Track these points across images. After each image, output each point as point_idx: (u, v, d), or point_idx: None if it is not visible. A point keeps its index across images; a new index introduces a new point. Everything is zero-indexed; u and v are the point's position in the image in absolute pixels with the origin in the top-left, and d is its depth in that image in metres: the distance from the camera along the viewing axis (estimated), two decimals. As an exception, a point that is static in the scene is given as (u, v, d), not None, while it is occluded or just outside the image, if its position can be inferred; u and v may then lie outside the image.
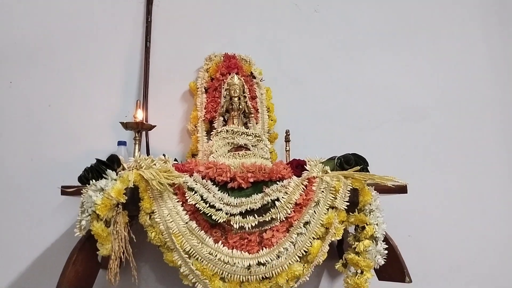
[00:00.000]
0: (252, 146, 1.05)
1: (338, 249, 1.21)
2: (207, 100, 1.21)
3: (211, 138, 1.10)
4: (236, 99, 1.16)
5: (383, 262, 0.88)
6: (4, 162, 1.20)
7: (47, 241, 1.16)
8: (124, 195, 0.81)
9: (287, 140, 1.18)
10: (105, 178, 0.84)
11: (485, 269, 1.30)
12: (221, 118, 1.18)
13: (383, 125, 1.35)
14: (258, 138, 1.07)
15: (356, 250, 0.89)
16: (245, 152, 1.02)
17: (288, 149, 1.18)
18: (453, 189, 1.33)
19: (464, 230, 1.31)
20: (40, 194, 1.18)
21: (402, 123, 1.36)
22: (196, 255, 0.83)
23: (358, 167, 0.88)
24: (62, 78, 1.26)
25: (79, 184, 0.87)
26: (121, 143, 1.13)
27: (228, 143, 1.05)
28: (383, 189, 0.93)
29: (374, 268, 0.90)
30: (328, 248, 0.87)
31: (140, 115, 1.06)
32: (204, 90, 1.23)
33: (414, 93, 1.38)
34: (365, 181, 0.89)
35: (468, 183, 1.34)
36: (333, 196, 0.87)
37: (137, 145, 1.07)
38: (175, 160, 0.99)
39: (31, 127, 1.23)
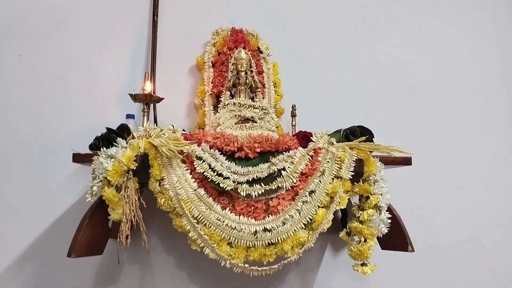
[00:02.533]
0: (258, 119, 1.06)
1: (342, 222, 1.23)
2: (214, 75, 1.22)
3: (218, 111, 1.12)
4: (243, 73, 1.16)
5: (386, 231, 0.90)
6: (16, 135, 1.22)
7: (59, 210, 1.19)
8: (134, 162, 0.83)
9: (293, 115, 1.19)
10: (115, 146, 0.86)
11: (489, 244, 1.31)
12: (228, 93, 1.19)
13: (389, 100, 1.35)
14: (264, 111, 1.08)
15: (360, 219, 0.91)
16: (252, 125, 1.03)
17: (294, 124, 1.19)
18: (457, 164, 1.33)
19: (467, 205, 1.32)
20: (51, 165, 1.21)
21: (408, 98, 1.36)
22: (204, 221, 0.85)
23: (364, 138, 0.89)
24: (71, 52, 1.27)
25: (90, 152, 0.88)
26: (129, 116, 1.15)
27: (235, 115, 1.06)
28: (387, 161, 0.94)
29: (377, 237, 0.93)
30: (333, 216, 0.89)
31: (148, 87, 1.07)
32: (211, 65, 1.24)
33: (420, 68, 1.38)
34: (371, 151, 0.90)
35: (472, 159, 1.34)
36: (339, 166, 0.89)
37: (145, 117, 1.09)
38: (183, 130, 1.00)
39: (41, 100, 1.24)
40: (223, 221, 0.85)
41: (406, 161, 0.96)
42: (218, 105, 1.16)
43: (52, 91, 1.25)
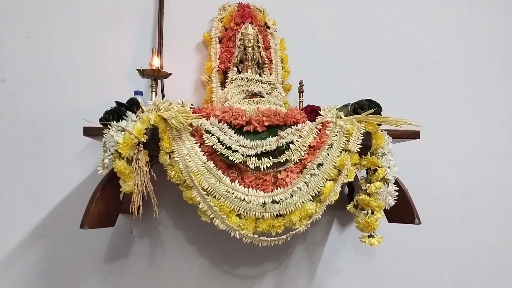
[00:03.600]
0: (266, 94, 1.06)
1: (348, 198, 1.24)
2: (221, 50, 1.22)
3: (225, 88, 1.12)
4: (250, 49, 1.15)
5: (393, 203, 0.91)
6: (25, 112, 1.24)
7: (70, 185, 1.22)
8: (144, 135, 0.84)
9: (300, 91, 1.19)
10: (125, 119, 0.87)
11: (496, 221, 1.32)
12: (235, 69, 1.19)
13: (397, 76, 1.34)
14: (272, 86, 1.08)
15: (367, 191, 0.91)
16: (260, 99, 1.03)
17: (301, 100, 1.19)
18: (465, 139, 1.33)
19: (475, 180, 1.32)
20: (61, 142, 1.23)
21: (416, 74, 1.35)
22: (214, 193, 0.86)
23: (372, 110, 0.89)
24: (78, 29, 1.27)
25: (101, 126, 0.89)
26: (137, 92, 1.15)
27: (243, 90, 1.06)
28: (395, 135, 0.95)
29: (384, 210, 0.94)
30: (340, 189, 0.90)
31: (156, 62, 1.08)
32: (218, 40, 1.23)
33: (429, 44, 1.36)
34: (379, 124, 0.90)
35: (480, 136, 1.34)
36: (347, 139, 0.89)
37: (153, 92, 1.09)
38: (192, 105, 1.01)
39: (49, 77, 1.25)
40: (233, 193, 0.87)
41: (414, 135, 0.96)
42: (225, 81, 1.16)
43: (60, 68, 1.26)
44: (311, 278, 1.27)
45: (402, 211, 0.95)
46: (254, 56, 1.16)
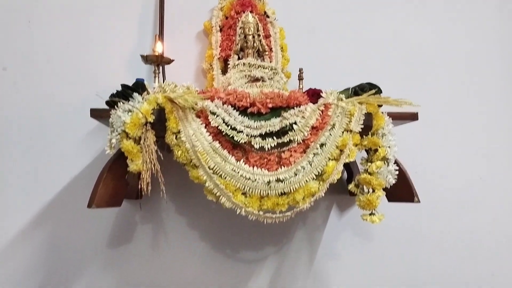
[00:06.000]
0: (268, 79, 1.08)
1: (348, 183, 1.27)
2: (221, 38, 1.24)
3: (228, 73, 1.14)
4: (250, 37, 1.18)
5: (394, 181, 0.94)
6: (28, 100, 1.24)
7: (71, 172, 1.23)
8: (151, 115, 0.86)
9: (300, 78, 1.21)
10: (131, 101, 0.88)
11: (493, 205, 1.35)
12: (236, 56, 1.21)
13: (395, 65, 1.37)
14: (274, 71, 1.10)
15: (368, 171, 0.94)
16: (262, 84, 1.05)
17: (301, 87, 1.20)
18: (462, 125, 1.37)
19: (472, 165, 1.36)
20: (65, 130, 1.23)
21: (414, 63, 1.37)
22: (220, 172, 0.88)
23: (373, 91, 0.92)
24: (80, 16, 1.28)
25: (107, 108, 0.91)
26: (139, 80, 1.16)
27: (245, 75, 1.08)
28: (395, 116, 0.98)
29: (384, 190, 0.96)
30: (342, 168, 0.92)
31: (159, 48, 1.09)
32: (218, 29, 1.25)
33: (427, 32, 1.39)
34: (380, 105, 0.93)
35: (478, 121, 1.37)
36: (348, 120, 0.92)
37: (156, 78, 1.11)
38: (196, 89, 1.03)
39: (50, 65, 1.26)
40: (238, 172, 0.89)
41: (413, 117, 0.99)
42: (226, 69, 1.18)
43: (62, 56, 1.26)
44: (311, 261, 1.30)
45: (402, 190, 0.98)
46: (255, 44, 1.18)
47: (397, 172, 0.94)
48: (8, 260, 1.19)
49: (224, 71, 1.21)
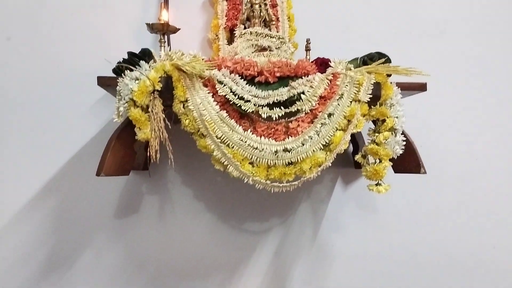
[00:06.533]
0: (275, 48, 1.07)
1: (353, 156, 1.27)
2: (228, 8, 1.21)
3: (234, 42, 1.12)
4: (257, 6, 1.15)
5: (401, 152, 0.94)
6: (32, 70, 1.23)
7: (79, 142, 1.23)
8: (159, 83, 0.85)
9: (307, 49, 1.19)
10: (138, 69, 0.87)
11: (498, 178, 1.35)
12: (242, 26, 1.19)
13: (403, 35, 1.34)
14: (281, 40, 1.09)
15: (375, 141, 0.94)
16: (269, 53, 1.04)
17: (308, 58, 1.19)
18: (470, 101, 1.35)
19: (478, 138, 1.35)
20: (73, 99, 1.23)
21: (423, 33, 1.35)
22: (227, 141, 0.88)
23: (382, 60, 0.91)
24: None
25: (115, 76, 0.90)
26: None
27: (252, 45, 1.07)
28: (403, 87, 0.97)
29: (391, 160, 0.96)
30: (350, 138, 0.92)
31: (165, 16, 1.07)
32: (224, -2, 1.23)
33: (436, 2, 1.36)
34: (389, 75, 0.92)
35: (486, 98, 1.36)
36: (357, 90, 0.91)
37: (162, 47, 1.09)
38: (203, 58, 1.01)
39: (56, 35, 1.24)
40: (245, 142, 0.89)
41: (421, 87, 0.98)
42: (232, 39, 1.16)
43: (66, 25, 1.24)
44: (315, 233, 1.31)
45: (408, 161, 0.99)
46: (261, 14, 1.16)
47: (404, 143, 0.94)
48: (16, 230, 1.21)
49: (230, 41, 1.19)
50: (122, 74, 0.87)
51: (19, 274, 1.21)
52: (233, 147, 0.88)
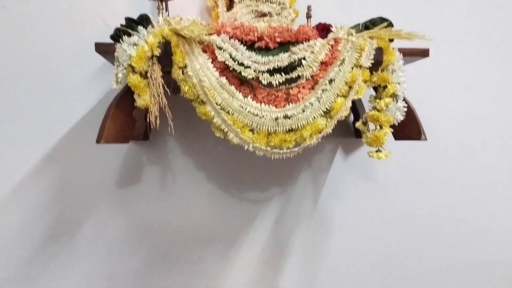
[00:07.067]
0: (276, 14, 1.05)
1: (353, 125, 1.27)
2: (227, -27, 1.18)
3: (233, 8, 1.10)
4: (257, -29, 1.12)
5: (402, 118, 0.93)
6: (29, 39, 1.21)
7: (81, 110, 1.22)
8: (157, 48, 0.84)
9: (308, 16, 1.16)
10: (137, 34, 0.86)
11: (499, 149, 1.35)
12: (242, -7, 1.16)
13: (405, 3, 1.31)
14: (282, 6, 1.07)
15: (377, 107, 0.93)
16: (270, 19, 1.02)
17: (309, 25, 1.17)
18: (474, 69, 1.34)
19: (479, 108, 1.34)
20: (71, 68, 1.21)
21: (425, 5, 1.32)
22: (227, 108, 0.88)
23: (385, 24, 0.89)
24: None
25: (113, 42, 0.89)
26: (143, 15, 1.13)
27: (252, 10, 1.05)
28: (405, 53, 0.95)
29: (391, 126, 0.96)
30: (350, 104, 0.92)
31: (162, -19, 1.04)
32: (223, -37, 1.19)
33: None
34: (391, 40, 0.91)
35: (490, 65, 1.34)
36: (358, 55, 0.90)
37: (160, 14, 1.07)
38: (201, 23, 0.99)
39: (53, 4, 1.21)
40: (246, 108, 0.88)
41: (424, 53, 0.97)
42: (232, 5, 1.13)
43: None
44: (315, 202, 1.33)
45: (409, 128, 0.98)
46: (261, -21, 1.13)
47: (405, 109, 0.94)
48: (18, 201, 1.22)
49: (230, 8, 1.15)
50: (120, 40, 0.86)
51: (21, 245, 1.23)
52: (233, 114, 0.88)
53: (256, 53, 0.89)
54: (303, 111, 0.89)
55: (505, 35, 1.34)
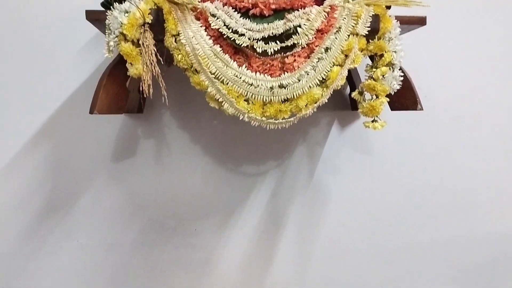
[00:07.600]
0: (271, -18, 1.02)
1: (350, 97, 1.26)
2: None
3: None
4: None
5: (398, 87, 0.92)
6: (22, 10, 1.18)
7: (74, 83, 1.21)
8: (149, 15, 0.82)
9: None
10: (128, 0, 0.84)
11: (495, 122, 1.35)
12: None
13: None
14: (277, -27, 1.03)
15: (373, 77, 0.92)
16: (265, -13, 0.99)
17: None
18: (472, 38, 1.32)
19: (478, 81, 1.33)
20: (61, 41, 1.19)
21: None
22: (221, 77, 0.86)
23: (382, -10, 0.87)
24: None
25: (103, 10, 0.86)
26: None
27: (247, -21, 1.02)
28: (402, 21, 0.93)
29: (387, 96, 0.95)
30: (347, 73, 0.91)
31: None
32: None
33: None
34: (388, 7, 0.89)
35: (488, 35, 1.32)
36: (355, 22, 0.88)
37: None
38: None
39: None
40: (240, 77, 0.87)
41: (421, 21, 0.95)
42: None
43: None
44: (311, 175, 1.33)
45: (405, 98, 0.98)
46: None
47: (401, 78, 0.93)
48: (13, 176, 1.22)
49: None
50: (111, 7, 0.84)
51: (16, 220, 1.23)
52: (227, 83, 0.87)
53: (250, 20, 0.87)
54: (299, 80, 0.88)
55: (504, 5, 1.31)
